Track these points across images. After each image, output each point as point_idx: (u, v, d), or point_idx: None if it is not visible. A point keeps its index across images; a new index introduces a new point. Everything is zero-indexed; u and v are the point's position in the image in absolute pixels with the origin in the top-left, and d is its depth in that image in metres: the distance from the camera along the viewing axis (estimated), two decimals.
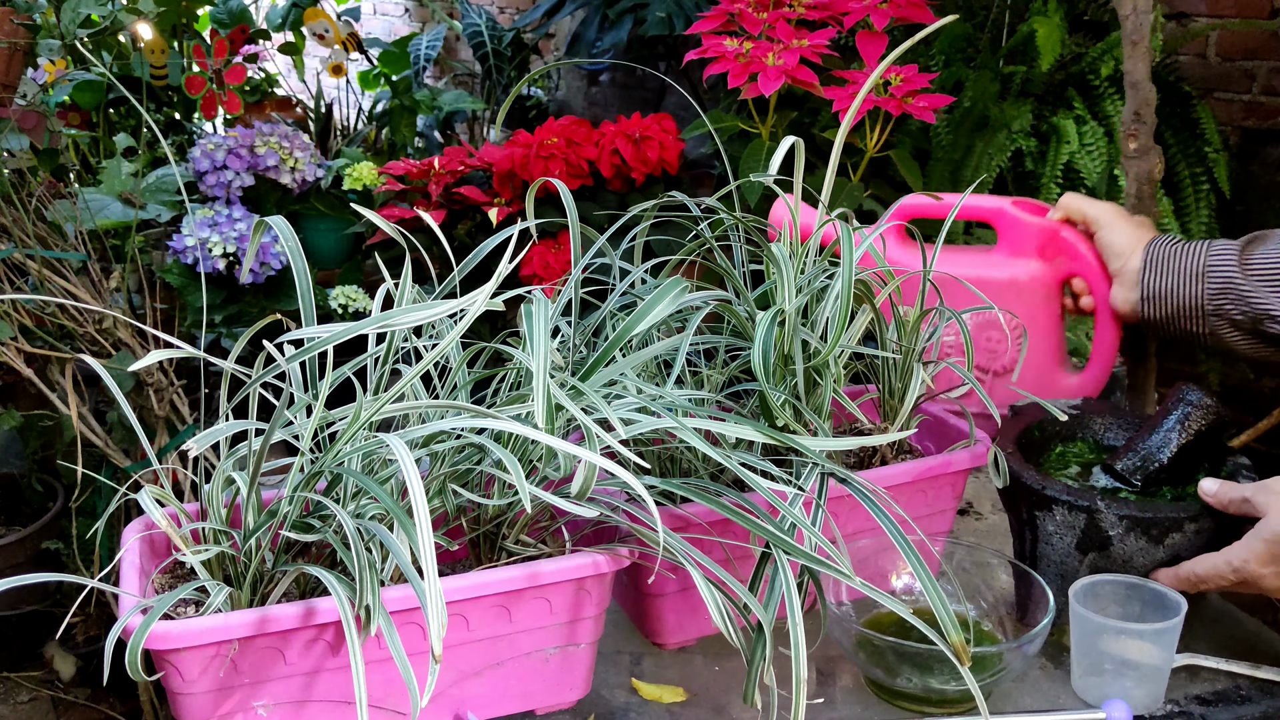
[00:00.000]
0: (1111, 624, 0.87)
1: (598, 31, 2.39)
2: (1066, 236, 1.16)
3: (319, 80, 2.80)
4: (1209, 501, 0.90)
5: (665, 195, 1.01)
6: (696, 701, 0.91)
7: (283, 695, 0.77)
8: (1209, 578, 0.89)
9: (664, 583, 0.91)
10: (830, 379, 0.93)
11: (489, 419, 0.73)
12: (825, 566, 0.76)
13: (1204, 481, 0.91)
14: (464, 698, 0.83)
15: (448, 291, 0.90)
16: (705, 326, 0.99)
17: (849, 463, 1.03)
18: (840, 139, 0.98)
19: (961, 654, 0.75)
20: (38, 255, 1.65)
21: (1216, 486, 0.90)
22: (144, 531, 0.84)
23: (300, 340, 0.75)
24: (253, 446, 0.77)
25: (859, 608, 0.96)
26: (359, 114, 2.98)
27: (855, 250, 0.87)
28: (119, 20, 2.23)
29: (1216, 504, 0.90)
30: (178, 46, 2.39)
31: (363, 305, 1.99)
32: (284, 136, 2.06)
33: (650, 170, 1.80)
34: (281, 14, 2.88)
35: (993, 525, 1.22)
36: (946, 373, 1.11)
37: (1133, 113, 1.21)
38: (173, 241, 1.86)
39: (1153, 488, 0.97)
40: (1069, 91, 1.87)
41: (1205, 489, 0.91)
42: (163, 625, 0.71)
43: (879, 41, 1.53)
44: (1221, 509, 0.90)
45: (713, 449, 0.79)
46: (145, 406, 1.67)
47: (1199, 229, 1.84)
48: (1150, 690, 0.88)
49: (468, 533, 0.85)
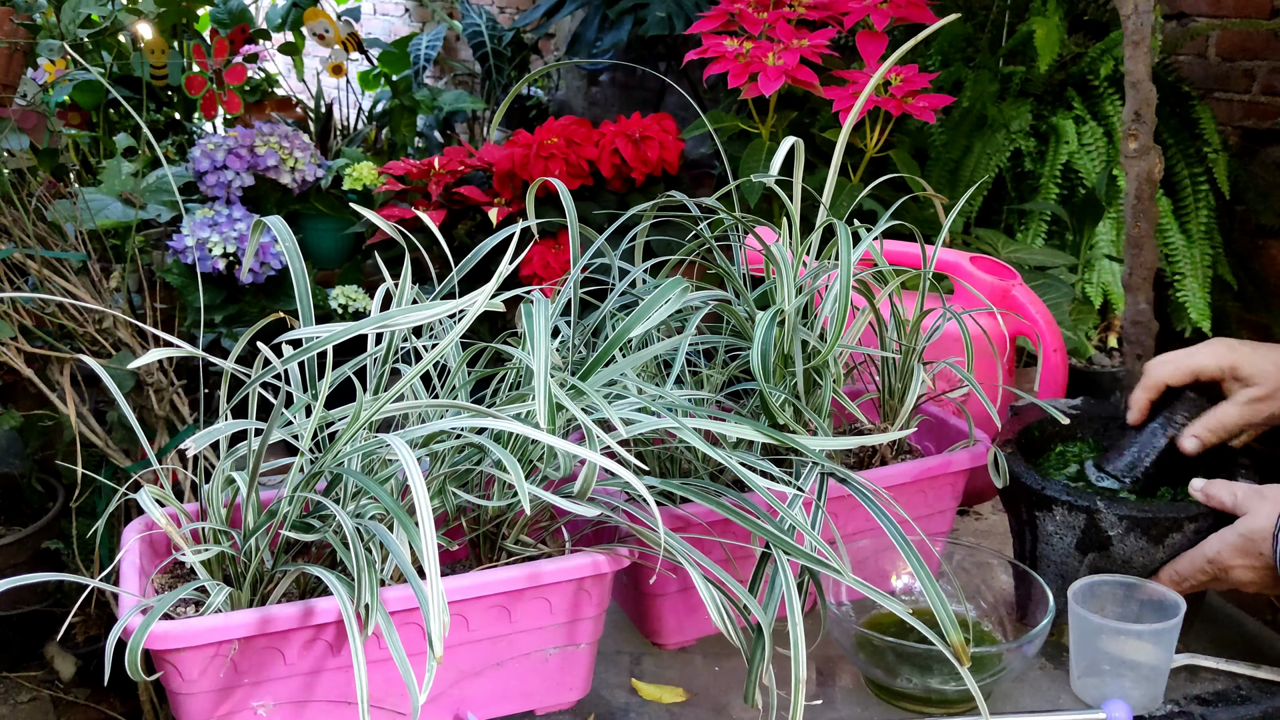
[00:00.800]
0: (1110, 624, 0.87)
1: (598, 31, 2.39)
2: (1017, 295, 1.18)
3: (319, 80, 2.80)
4: (1198, 498, 0.91)
5: (665, 195, 1.01)
6: (696, 702, 0.91)
7: (283, 695, 0.77)
8: (1189, 574, 0.90)
9: (664, 583, 0.91)
10: (830, 379, 0.93)
11: (489, 419, 0.73)
12: (825, 567, 0.76)
13: (1194, 480, 0.92)
14: (464, 698, 0.83)
15: (447, 291, 0.90)
16: (705, 326, 0.99)
17: (849, 463, 1.03)
18: (842, 139, 0.98)
19: (961, 654, 0.75)
20: (38, 255, 1.65)
21: (1204, 483, 0.91)
22: (144, 531, 0.84)
23: (299, 340, 0.75)
24: (252, 446, 0.77)
25: (859, 608, 0.96)
26: (359, 114, 2.98)
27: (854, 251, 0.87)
28: (119, 20, 2.23)
29: (1205, 500, 0.91)
30: (178, 46, 2.39)
31: (363, 305, 1.99)
32: (284, 136, 2.06)
33: (650, 170, 1.80)
34: (281, 14, 2.88)
35: (993, 525, 1.22)
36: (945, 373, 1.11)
37: (1133, 113, 1.21)
38: (173, 241, 1.86)
39: (1152, 487, 0.97)
40: (1068, 91, 1.87)
41: (1194, 486, 0.92)
42: (163, 625, 0.71)
43: (879, 41, 1.53)
44: (1210, 505, 0.91)
45: (713, 449, 0.79)
46: (145, 406, 1.67)
47: (1198, 229, 1.84)
48: (1149, 690, 0.88)
49: (468, 533, 0.85)
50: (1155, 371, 0.97)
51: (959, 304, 1.16)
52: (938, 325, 1.03)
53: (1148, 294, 1.39)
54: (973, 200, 1.82)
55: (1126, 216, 1.29)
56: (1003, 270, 1.21)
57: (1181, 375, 0.96)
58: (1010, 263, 1.49)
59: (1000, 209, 1.89)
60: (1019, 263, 1.62)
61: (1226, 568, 0.87)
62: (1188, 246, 1.83)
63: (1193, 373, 0.96)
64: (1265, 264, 2.01)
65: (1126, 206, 1.23)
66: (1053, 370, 1.18)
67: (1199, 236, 1.84)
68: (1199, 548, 0.89)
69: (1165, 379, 0.97)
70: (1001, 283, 1.20)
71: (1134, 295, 1.39)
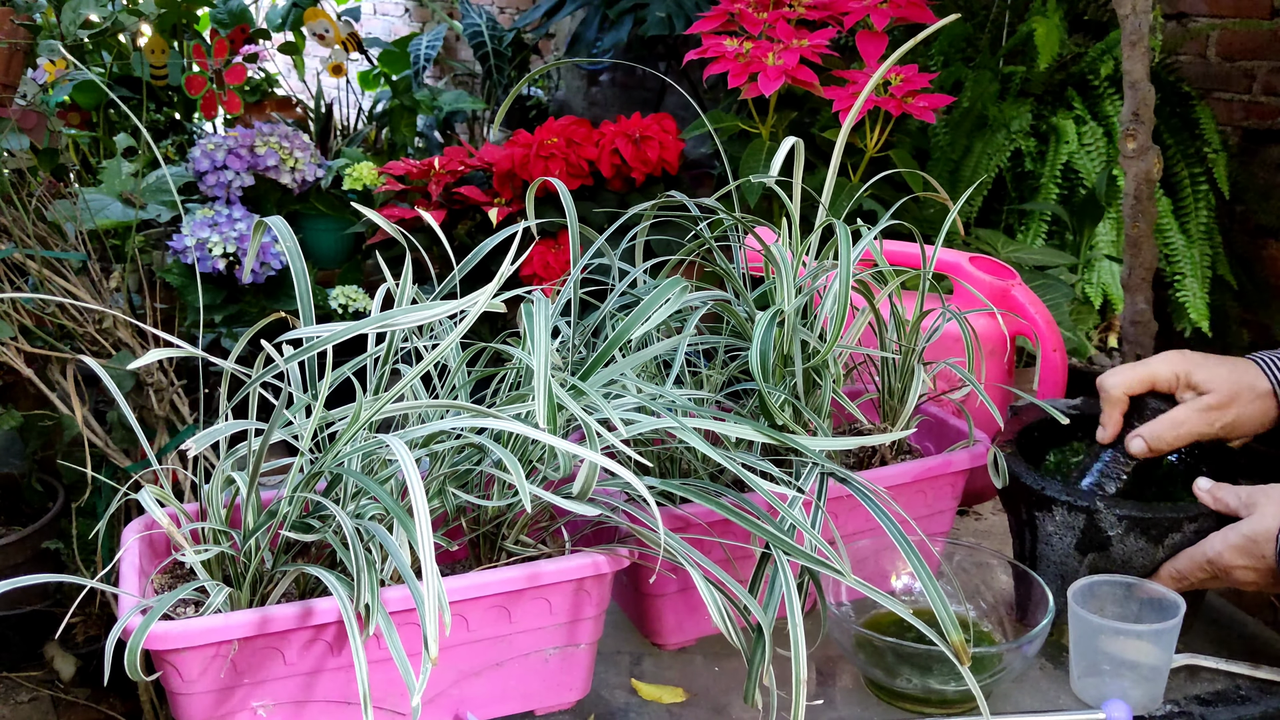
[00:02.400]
0: (1109, 624, 0.87)
1: (598, 31, 2.39)
2: (1017, 295, 1.18)
3: (319, 80, 2.80)
4: (1203, 499, 0.91)
5: (665, 195, 1.01)
6: (696, 702, 0.91)
7: (282, 695, 0.77)
8: (1189, 572, 0.89)
9: (664, 583, 0.91)
10: (830, 379, 0.93)
11: (489, 418, 0.73)
12: (825, 567, 0.76)
13: (1200, 480, 0.92)
14: (464, 698, 0.83)
15: (448, 291, 0.90)
16: (705, 326, 0.99)
17: (849, 463, 1.03)
18: (842, 139, 0.98)
19: (961, 654, 0.75)
20: (38, 255, 1.65)
21: (1210, 484, 0.91)
22: (144, 532, 0.84)
23: (299, 340, 0.75)
24: (252, 446, 0.77)
25: (859, 608, 0.96)
26: (359, 114, 2.98)
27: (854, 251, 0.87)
28: (119, 22, 2.23)
29: (1213, 504, 0.90)
30: (178, 46, 2.39)
31: (363, 305, 1.99)
32: (284, 136, 2.06)
33: (650, 170, 1.80)
34: (281, 14, 2.88)
35: (993, 525, 1.22)
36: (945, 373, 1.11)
37: (1131, 113, 1.22)
38: (173, 241, 1.86)
39: (1151, 489, 0.97)
40: (1068, 91, 1.87)
41: (1200, 486, 0.91)
42: (162, 625, 0.71)
43: (879, 41, 1.53)
44: (1217, 509, 0.90)
45: (713, 449, 0.79)
46: (145, 406, 1.67)
47: (1198, 229, 1.84)
48: (1149, 690, 0.88)
49: (467, 533, 0.85)
50: (1111, 383, 0.96)
51: (958, 304, 1.16)
52: (937, 325, 1.03)
53: (1147, 294, 1.40)
54: (973, 200, 1.83)
55: (1125, 216, 1.29)
56: (1002, 270, 1.22)
57: (1139, 382, 0.95)
58: (1010, 263, 1.49)
59: (1000, 209, 1.89)
60: (1019, 263, 1.62)
61: (1227, 568, 0.87)
62: (1187, 246, 1.83)
63: (1148, 381, 0.95)
64: (1265, 264, 2.01)
65: (1125, 206, 1.23)
66: (1052, 370, 1.18)
67: (1199, 236, 1.84)
68: (1199, 546, 0.89)
69: (1124, 388, 0.96)
70: (1001, 283, 1.20)
71: (1133, 295, 1.39)
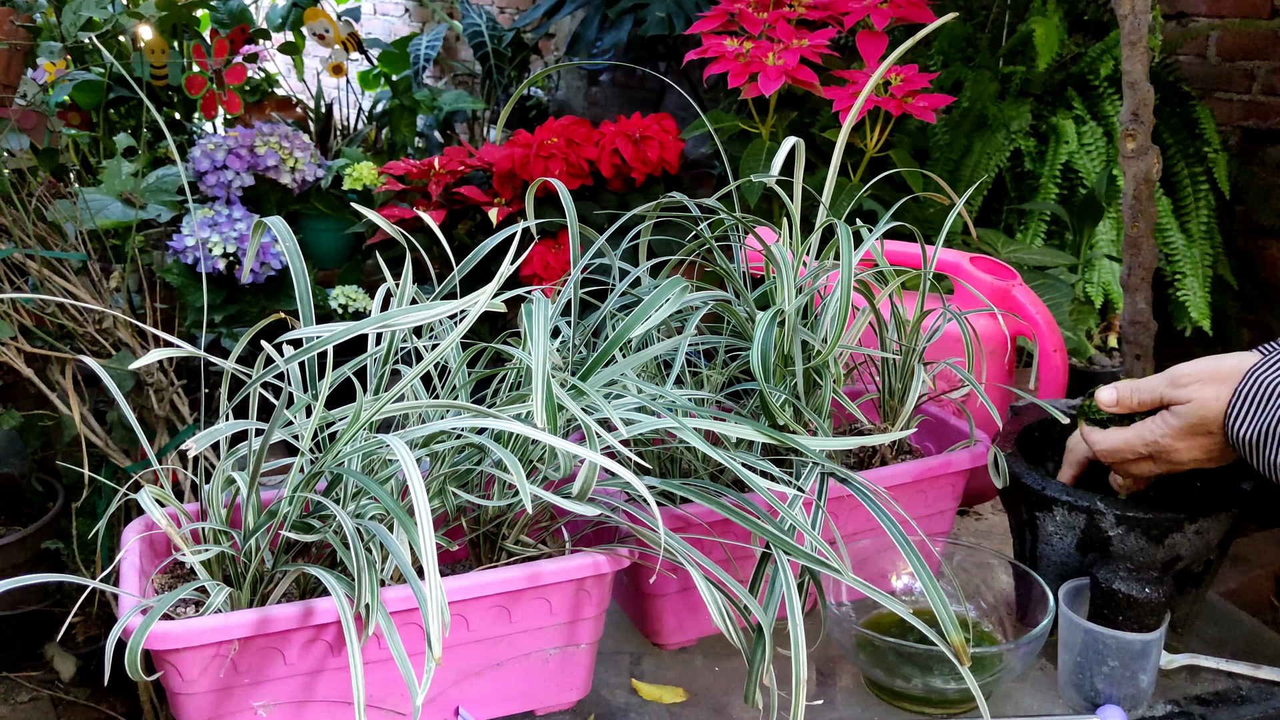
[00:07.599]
0: (1095, 628, 0.86)
1: (598, 31, 2.39)
2: (1017, 295, 1.18)
3: (319, 80, 2.80)
4: (1113, 410, 0.90)
5: (665, 195, 1.01)
6: (696, 702, 0.91)
7: (283, 695, 0.77)
8: (1120, 449, 0.89)
9: (664, 583, 0.91)
10: (830, 379, 0.93)
11: (490, 419, 0.73)
12: (825, 567, 0.76)
13: (1100, 391, 0.90)
14: (464, 698, 0.83)
15: (448, 291, 0.90)
16: (705, 327, 0.99)
17: (849, 463, 1.03)
18: (842, 139, 0.98)
19: (961, 654, 0.75)
20: (38, 255, 1.65)
21: (1115, 393, 0.89)
22: (144, 532, 0.84)
23: (300, 340, 0.75)
24: (253, 446, 0.77)
25: (859, 608, 0.96)
26: (359, 114, 2.98)
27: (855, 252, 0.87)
28: (120, 23, 2.23)
29: (1125, 408, 0.89)
30: (178, 47, 2.39)
31: (363, 305, 1.99)
32: (284, 136, 2.06)
33: (650, 170, 1.80)
34: (281, 14, 2.88)
35: (993, 525, 1.22)
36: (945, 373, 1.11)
37: (1131, 113, 1.22)
38: (173, 241, 1.86)
39: (1151, 489, 0.97)
40: (1068, 91, 1.87)
41: (1103, 398, 0.90)
42: (162, 625, 0.71)
43: (879, 41, 1.53)
44: (1134, 410, 0.89)
45: (713, 449, 0.79)
46: (145, 406, 1.67)
47: (1198, 229, 1.84)
48: (1137, 691, 0.88)
49: (468, 533, 0.85)
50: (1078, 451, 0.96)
51: (959, 304, 1.16)
52: (938, 325, 1.03)
53: (1146, 294, 1.39)
54: (973, 200, 1.83)
55: (1125, 216, 1.29)
56: (1002, 270, 1.22)
57: None
58: (1010, 263, 1.50)
59: (1000, 209, 1.89)
60: (1019, 263, 1.62)
61: (1169, 449, 0.86)
62: (1188, 246, 1.83)
63: None
64: (1265, 264, 2.01)
65: (1125, 206, 1.23)
66: (1052, 370, 1.18)
67: (1199, 236, 1.84)
68: (1133, 427, 0.88)
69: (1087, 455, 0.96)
70: (1001, 283, 1.20)
71: (1132, 295, 1.39)
